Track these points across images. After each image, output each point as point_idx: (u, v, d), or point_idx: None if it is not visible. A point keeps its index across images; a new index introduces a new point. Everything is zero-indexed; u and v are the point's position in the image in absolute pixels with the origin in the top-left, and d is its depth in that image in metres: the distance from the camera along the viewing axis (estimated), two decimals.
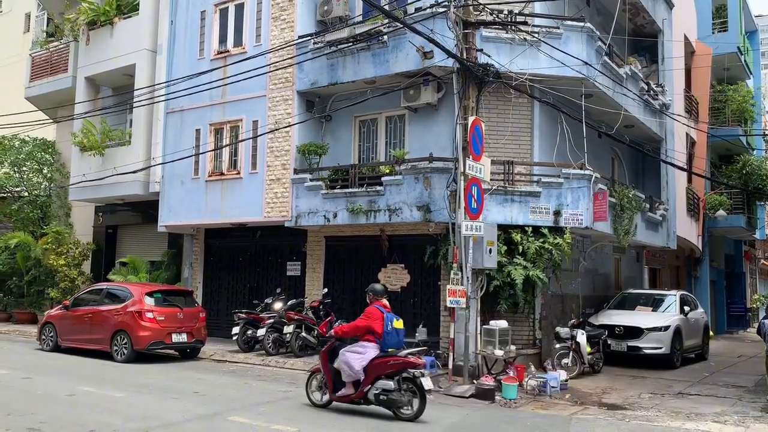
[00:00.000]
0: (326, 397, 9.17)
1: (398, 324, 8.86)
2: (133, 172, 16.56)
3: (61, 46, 21.13)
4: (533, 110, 13.75)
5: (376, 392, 8.62)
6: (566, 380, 11.68)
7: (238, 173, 15.78)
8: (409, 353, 8.79)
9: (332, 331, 9.40)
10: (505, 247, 12.67)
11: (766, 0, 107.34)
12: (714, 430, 8.90)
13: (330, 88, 14.64)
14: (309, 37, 14.50)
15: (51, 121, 20.52)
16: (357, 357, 8.68)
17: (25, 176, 22.07)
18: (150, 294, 13.88)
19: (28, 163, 22.03)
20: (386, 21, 12.96)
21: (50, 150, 22.42)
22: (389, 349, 8.72)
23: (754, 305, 32.74)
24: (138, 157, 17.47)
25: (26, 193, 21.97)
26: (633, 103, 15.75)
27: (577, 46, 13.25)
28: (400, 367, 8.57)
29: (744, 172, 24.23)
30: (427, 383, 8.53)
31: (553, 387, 11.10)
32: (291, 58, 14.46)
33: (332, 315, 14.69)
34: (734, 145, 25.36)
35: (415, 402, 8.57)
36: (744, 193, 24.78)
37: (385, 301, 9.11)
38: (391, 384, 8.55)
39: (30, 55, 22.43)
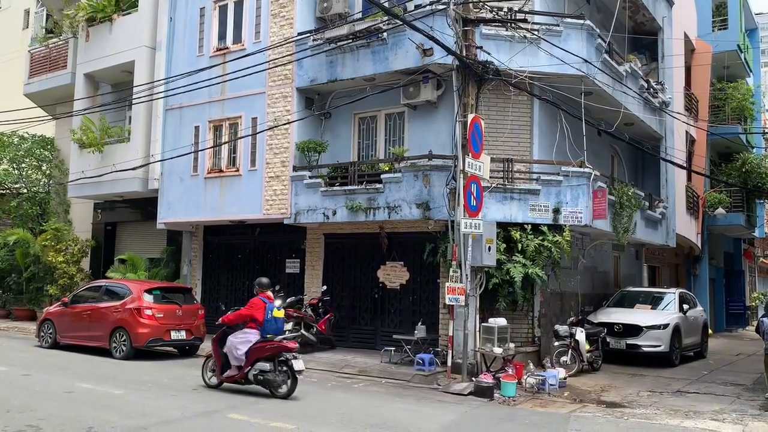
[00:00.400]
0: (216, 379, 10.20)
1: (278, 314, 9.89)
2: (132, 169, 16.55)
3: (60, 42, 21.10)
4: (533, 108, 13.74)
5: (255, 373, 9.66)
6: (565, 378, 11.69)
7: (237, 170, 15.76)
8: (284, 338, 9.83)
9: (221, 319, 10.22)
10: (505, 245, 12.67)
11: None
12: (712, 428, 8.90)
13: (329, 85, 14.61)
14: (308, 34, 14.46)
15: (50, 117, 20.50)
16: (240, 342, 9.77)
17: (24, 173, 22.05)
18: (149, 291, 13.87)
19: (27, 160, 22.01)
20: (386, 18, 12.92)
21: (49, 147, 22.40)
22: (268, 335, 9.72)
23: (753, 303, 32.73)
24: (137, 154, 17.45)
25: (25, 190, 21.96)
26: (633, 101, 15.73)
27: (577, 44, 13.23)
28: (275, 351, 9.58)
29: (743, 170, 24.20)
30: (297, 365, 9.49)
31: (551, 385, 11.11)
32: (290, 55, 14.43)
33: (331, 312, 14.72)
34: (734, 143, 25.34)
35: (288, 382, 9.57)
36: (743, 191, 24.76)
37: (269, 293, 10.18)
38: (267, 366, 9.58)
39: (29, 51, 22.39)
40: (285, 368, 9.56)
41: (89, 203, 20.93)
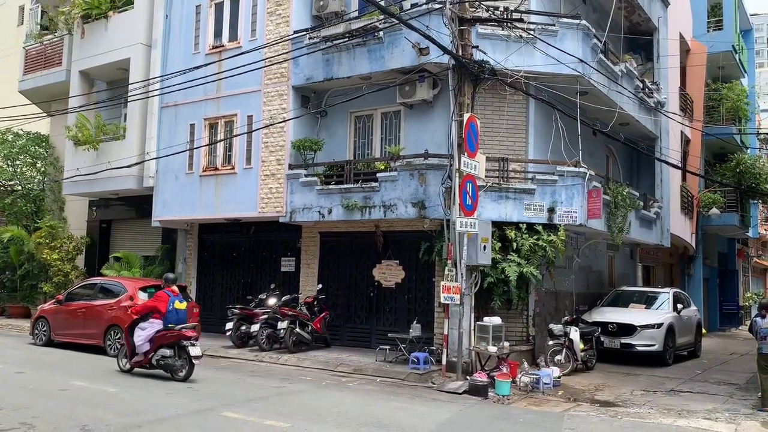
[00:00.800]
0: (128, 365, 11.24)
1: (180, 305, 11.04)
2: (128, 166, 16.50)
3: (55, 39, 21.01)
4: (528, 107, 13.76)
5: (158, 358, 10.78)
6: (559, 377, 11.73)
7: (233, 168, 15.74)
8: (183, 327, 10.79)
9: (130, 310, 11.53)
10: (500, 244, 12.70)
11: None
12: (705, 427, 8.95)
13: (325, 84, 14.60)
14: (304, 32, 14.46)
15: (45, 114, 20.43)
16: (145, 330, 10.86)
17: (18, 170, 21.97)
18: (144, 289, 13.86)
19: (22, 157, 21.93)
20: (382, 17, 12.93)
21: (44, 144, 22.33)
22: (170, 325, 10.81)
23: (747, 303, 32.89)
24: (132, 151, 17.38)
25: (19, 187, 21.89)
26: (628, 101, 15.77)
27: (573, 44, 13.26)
28: (175, 339, 10.68)
29: (738, 170, 24.28)
30: (194, 351, 10.56)
31: (545, 383, 11.13)
32: (286, 53, 14.41)
33: (327, 311, 14.71)
34: (728, 143, 25.42)
35: (186, 367, 10.62)
36: (737, 191, 24.84)
37: (174, 288, 11.28)
38: (168, 352, 10.71)
39: (24, 48, 22.29)
40: (184, 354, 10.63)
41: (84, 201, 20.87)
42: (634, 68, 16.61)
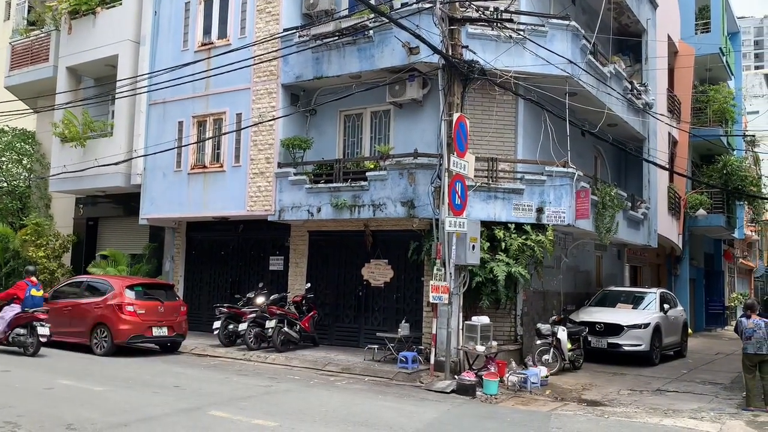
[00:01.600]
0: None
1: (36, 293, 12.98)
2: (115, 164, 16.36)
3: (42, 34, 20.81)
4: (517, 108, 13.80)
5: (13, 336, 12.80)
6: (547, 376, 11.78)
7: (221, 166, 15.67)
8: (35, 311, 12.72)
9: None
10: (488, 244, 12.72)
11: (749, 2, 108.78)
12: (691, 426, 9.01)
13: (315, 82, 14.57)
14: (294, 31, 14.41)
15: (31, 111, 20.24)
16: (6, 313, 12.96)
17: (4, 167, 21.76)
18: (131, 287, 13.76)
19: (8, 154, 21.72)
20: (372, 16, 12.92)
21: (30, 140, 22.12)
22: (26, 309, 12.76)
23: (732, 303, 33.18)
24: (120, 148, 17.26)
25: (5, 184, 21.68)
26: (616, 102, 15.85)
27: (562, 45, 13.31)
28: (28, 320, 12.72)
29: (724, 172, 24.50)
30: (42, 330, 12.52)
31: (533, 383, 11.18)
32: (276, 51, 14.37)
33: (315, 310, 14.69)
34: (715, 145, 25.64)
35: (35, 344, 12.56)
36: (724, 192, 25.06)
37: (33, 278, 13.23)
38: (22, 331, 12.72)
39: (10, 43, 22.06)
40: (35, 333, 12.52)
41: (71, 198, 20.69)
42: (622, 69, 16.70)
